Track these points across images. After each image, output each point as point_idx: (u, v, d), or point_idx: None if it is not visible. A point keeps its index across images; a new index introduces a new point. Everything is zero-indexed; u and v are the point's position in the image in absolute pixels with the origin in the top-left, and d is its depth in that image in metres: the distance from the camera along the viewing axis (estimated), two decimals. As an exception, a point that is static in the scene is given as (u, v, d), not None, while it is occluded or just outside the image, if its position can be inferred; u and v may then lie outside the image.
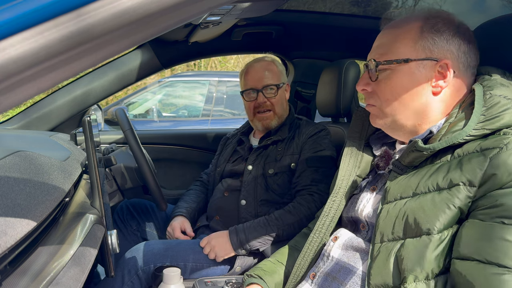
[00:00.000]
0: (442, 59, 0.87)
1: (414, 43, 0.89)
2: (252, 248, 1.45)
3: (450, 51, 0.87)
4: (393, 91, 0.91)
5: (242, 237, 1.44)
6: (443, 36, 0.87)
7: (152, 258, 1.44)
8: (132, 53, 1.98)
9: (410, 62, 0.89)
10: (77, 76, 1.47)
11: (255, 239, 1.43)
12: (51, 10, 0.45)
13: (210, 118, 5.14)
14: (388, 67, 0.91)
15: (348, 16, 1.93)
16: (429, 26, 0.88)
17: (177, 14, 0.51)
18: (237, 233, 1.45)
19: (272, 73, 1.72)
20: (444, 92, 0.89)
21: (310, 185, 1.53)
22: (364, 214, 0.95)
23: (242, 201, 1.61)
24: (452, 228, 0.77)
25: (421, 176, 0.84)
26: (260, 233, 1.44)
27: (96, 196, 1.04)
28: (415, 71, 0.89)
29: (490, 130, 0.80)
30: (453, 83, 0.88)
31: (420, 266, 0.76)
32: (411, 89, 0.89)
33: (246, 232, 1.45)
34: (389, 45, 0.92)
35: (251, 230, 1.45)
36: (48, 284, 0.66)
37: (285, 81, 1.77)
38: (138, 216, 1.86)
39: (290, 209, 1.49)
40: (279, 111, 1.72)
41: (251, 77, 1.73)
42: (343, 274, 0.92)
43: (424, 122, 0.91)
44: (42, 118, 1.89)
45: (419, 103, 0.89)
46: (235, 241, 1.44)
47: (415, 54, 0.89)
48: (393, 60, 0.90)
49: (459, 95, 0.90)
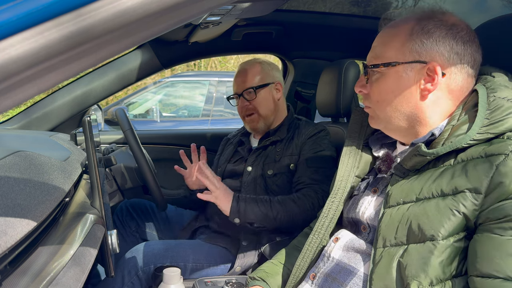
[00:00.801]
0: (430, 62, 0.85)
1: (402, 45, 0.88)
2: (246, 221, 1.44)
3: (440, 53, 0.85)
4: (382, 94, 0.91)
5: (241, 205, 1.43)
6: (432, 38, 0.86)
7: (152, 258, 1.44)
8: (132, 53, 1.98)
9: (397, 65, 0.88)
10: (77, 76, 1.47)
11: (252, 212, 1.43)
12: (51, 10, 0.45)
13: (210, 118, 5.15)
14: (378, 70, 0.90)
15: (348, 16, 1.93)
16: (419, 27, 0.87)
17: (177, 14, 0.51)
18: (239, 201, 1.44)
19: (253, 75, 1.71)
20: (435, 95, 0.87)
21: (312, 183, 1.53)
22: (366, 216, 0.95)
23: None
24: (458, 235, 0.76)
25: (424, 180, 0.82)
26: (260, 209, 1.44)
27: (96, 196, 1.04)
28: (402, 75, 0.88)
29: (494, 134, 0.78)
30: (445, 86, 0.87)
31: (424, 272, 0.75)
32: (400, 93, 0.88)
33: (246, 203, 1.44)
34: (380, 48, 0.92)
35: (252, 203, 1.44)
36: (48, 284, 0.66)
37: (272, 81, 1.74)
38: (137, 217, 1.85)
39: (295, 198, 1.48)
40: (264, 112, 1.71)
41: (235, 82, 1.77)
42: (344, 275, 0.91)
43: (420, 125, 0.90)
44: (42, 118, 1.89)
45: (409, 106, 0.88)
46: (234, 206, 1.43)
47: (402, 57, 0.87)
48: (380, 63, 0.90)
49: (458, 98, 0.88)
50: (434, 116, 0.88)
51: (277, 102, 1.75)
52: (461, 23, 0.88)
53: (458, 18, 0.89)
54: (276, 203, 1.46)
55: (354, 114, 1.09)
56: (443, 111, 0.88)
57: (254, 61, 1.78)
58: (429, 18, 0.88)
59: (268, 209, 1.44)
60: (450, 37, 0.86)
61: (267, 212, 1.44)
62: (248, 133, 1.86)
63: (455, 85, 0.87)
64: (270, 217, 1.44)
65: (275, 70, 1.78)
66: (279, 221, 1.45)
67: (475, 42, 0.88)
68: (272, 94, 1.73)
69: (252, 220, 1.44)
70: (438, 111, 0.88)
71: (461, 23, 0.88)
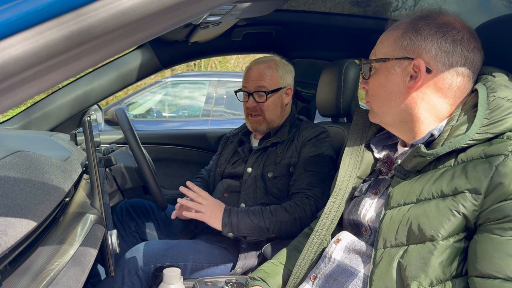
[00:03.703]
0: (416, 58, 0.87)
1: (394, 43, 0.91)
2: (239, 234, 1.43)
3: (427, 50, 0.87)
4: (375, 89, 0.95)
5: (234, 219, 1.41)
6: (421, 35, 0.87)
7: (152, 258, 1.44)
8: (132, 53, 1.98)
9: (387, 61, 0.91)
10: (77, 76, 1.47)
11: (245, 226, 1.42)
12: (52, 10, 0.45)
13: (210, 118, 5.14)
14: (373, 65, 0.94)
15: (348, 16, 1.93)
16: (411, 26, 0.89)
17: (177, 14, 0.51)
18: (230, 214, 1.42)
19: (268, 76, 1.66)
20: (422, 91, 0.88)
21: (306, 188, 1.52)
22: (367, 218, 0.95)
23: (242, 204, 1.60)
24: (458, 235, 0.76)
25: (425, 181, 0.83)
26: (252, 221, 1.42)
27: (96, 196, 1.04)
28: (391, 70, 0.91)
29: (493, 134, 0.78)
30: (432, 83, 0.88)
31: (424, 272, 0.75)
32: (388, 87, 0.92)
33: (238, 216, 1.42)
34: (377, 45, 0.96)
35: (244, 216, 1.43)
36: (48, 284, 0.66)
37: (285, 85, 1.70)
38: (137, 217, 1.85)
39: (286, 207, 1.48)
40: (270, 117, 1.68)
41: (246, 78, 1.71)
42: (345, 276, 0.91)
43: (414, 121, 0.91)
44: (42, 118, 1.90)
45: (398, 101, 0.91)
46: (226, 220, 1.41)
47: (392, 54, 0.90)
48: (373, 59, 0.94)
49: (450, 96, 0.88)
50: (424, 113, 0.89)
51: (285, 107, 1.72)
52: (456, 22, 0.88)
53: (455, 18, 0.90)
54: (268, 213, 1.45)
55: (356, 115, 1.09)
56: (434, 109, 0.89)
57: (271, 59, 1.71)
58: (423, 17, 0.90)
59: (260, 221, 1.43)
60: (439, 35, 0.87)
61: (259, 223, 1.43)
62: (249, 132, 1.84)
63: (443, 83, 0.88)
64: (263, 228, 1.43)
65: (289, 73, 1.74)
66: (272, 231, 1.44)
67: (470, 42, 0.88)
68: (282, 99, 1.70)
69: (246, 233, 1.43)
70: (428, 108, 0.89)
71: (456, 22, 0.88)
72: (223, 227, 1.41)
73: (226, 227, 1.41)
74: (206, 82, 5.47)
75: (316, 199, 1.49)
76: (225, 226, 1.41)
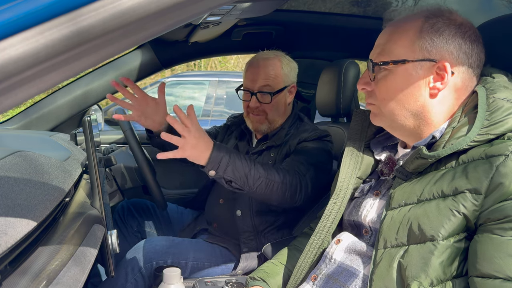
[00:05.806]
0: (440, 60, 0.85)
1: (412, 43, 0.87)
2: (224, 175, 1.24)
3: (450, 52, 0.85)
4: (389, 92, 0.90)
5: (225, 158, 1.23)
6: (443, 36, 0.85)
7: (154, 255, 1.45)
8: (132, 53, 1.98)
9: (407, 63, 0.87)
10: (77, 76, 1.47)
11: (233, 167, 1.24)
12: (52, 10, 0.45)
13: (210, 118, 5.14)
14: (386, 67, 0.89)
15: (348, 16, 1.93)
16: (429, 25, 0.86)
17: (177, 14, 0.51)
18: (221, 150, 1.23)
19: (272, 75, 1.55)
20: (443, 94, 0.87)
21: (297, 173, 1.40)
22: (368, 219, 0.95)
23: (238, 211, 1.55)
24: (458, 235, 0.76)
25: (426, 182, 0.82)
26: (242, 166, 1.26)
27: (96, 196, 1.04)
28: (412, 72, 0.87)
29: (494, 135, 0.78)
30: (453, 85, 0.87)
31: (425, 272, 0.75)
32: (408, 90, 0.88)
33: (231, 156, 1.24)
34: (387, 45, 0.91)
35: (236, 158, 1.26)
36: (48, 284, 0.66)
37: (289, 84, 1.60)
38: (138, 216, 1.85)
39: (278, 169, 1.35)
40: (272, 117, 1.59)
41: (248, 76, 1.59)
42: (345, 277, 0.91)
43: (425, 124, 0.89)
44: (42, 118, 1.89)
45: (417, 104, 0.88)
46: (214, 155, 1.21)
47: (412, 55, 0.87)
48: (389, 61, 0.88)
49: (461, 98, 0.88)
50: (438, 116, 0.88)
51: (287, 106, 1.63)
52: (468, 23, 0.88)
53: (464, 17, 0.89)
54: (259, 167, 1.30)
55: (354, 116, 1.09)
56: (446, 111, 0.88)
57: (276, 56, 1.59)
58: (437, 16, 0.87)
59: (251, 169, 1.27)
60: (459, 36, 0.85)
61: (249, 171, 1.27)
62: None
63: (462, 84, 0.87)
64: (250, 180, 1.27)
65: (294, 71, 1.64)
66: (256, 187, 1.29)
67: (480, 42, 0.88)
68: (285, 98, 1.61)
69: (230, 177, 1.25)
70: (442, 111, 0.88)
71: (468, 23, 0.88)
72: (208, 162, 1.21)
73: (212, 163, 1.21)
74: (206, 82, 5.47)
75: (305, 187, 1.39)
76: (211, 161, 1.21)
